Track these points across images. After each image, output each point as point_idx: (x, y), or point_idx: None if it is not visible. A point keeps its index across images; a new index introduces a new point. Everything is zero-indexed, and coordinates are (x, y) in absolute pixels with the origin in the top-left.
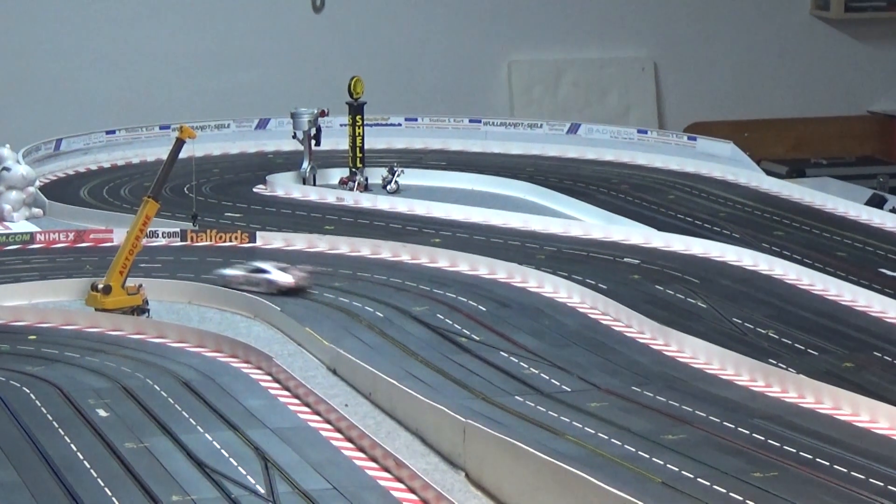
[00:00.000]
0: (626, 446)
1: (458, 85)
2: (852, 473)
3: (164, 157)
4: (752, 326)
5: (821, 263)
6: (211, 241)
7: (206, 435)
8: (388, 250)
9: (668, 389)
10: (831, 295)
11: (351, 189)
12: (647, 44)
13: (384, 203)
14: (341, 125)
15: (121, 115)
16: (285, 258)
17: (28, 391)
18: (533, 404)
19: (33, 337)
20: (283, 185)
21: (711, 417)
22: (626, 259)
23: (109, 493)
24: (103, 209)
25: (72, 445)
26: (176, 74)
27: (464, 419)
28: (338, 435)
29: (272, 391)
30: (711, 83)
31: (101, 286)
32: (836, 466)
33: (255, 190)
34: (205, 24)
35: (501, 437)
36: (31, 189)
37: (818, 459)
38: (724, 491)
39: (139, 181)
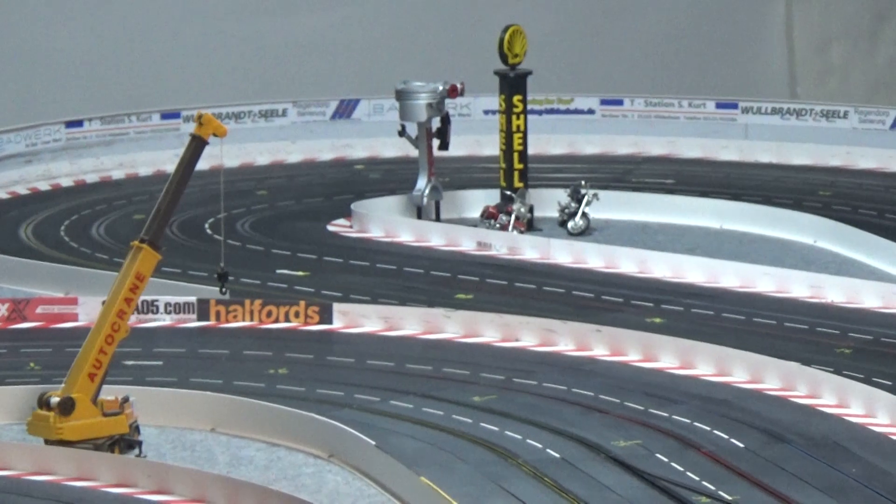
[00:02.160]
0: None
1: (696, 44)
2: None
3: (171, 169)
4: None
5: None
6: (252, 319)
7: None
8: (569, 337)
9: None
10: None
11: (504, 227)
12: None
13: (563, 253)
14: (487, 113)
15: (92, 94)
16: (386, 353)
17: None
18: None
19: None
20: (382, 221)
21: None
22: None
23: None
24: (60, 261)
25: None
26: (190, 24)
27: None
28: None
29: None
30: None
31: (56, 401)
32: None
33: (330, 228)
34: None
35: None
36: None
37: None
38: None
39: (125, 211)
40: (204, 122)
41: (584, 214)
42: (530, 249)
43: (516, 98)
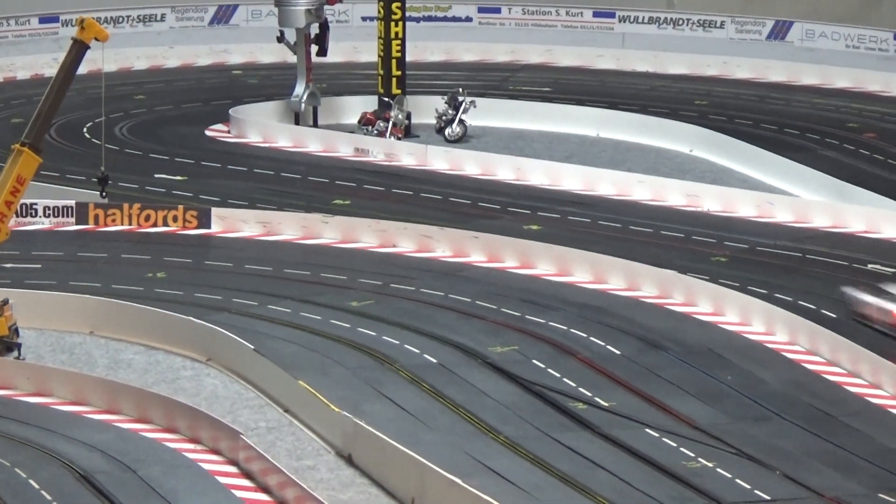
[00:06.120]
0: None
1: None
2: None
3: (49, 73)
4: None
5: None
6: (131, 223)
7: None
8: (446, 244)
9: None
10: None
11: (381, 133)
12: None
13: (440, 160)
14: (365, 19)
15: None
16: (264, 257)
17: None
18: None
19: None
20: (260, 126)
21: None
22: (873, 266)
23: None
24: None
25: None
26: None
27: None
28: None
29: (238, 493)
30: None
31: None
32: None
33: (208, 133)
34: None
35: None
36: None
37: None
38: None
39: (2, 115)
40: (86, 27)
41: (461, 121)
42: (407, 156)
43: (395, 5)
